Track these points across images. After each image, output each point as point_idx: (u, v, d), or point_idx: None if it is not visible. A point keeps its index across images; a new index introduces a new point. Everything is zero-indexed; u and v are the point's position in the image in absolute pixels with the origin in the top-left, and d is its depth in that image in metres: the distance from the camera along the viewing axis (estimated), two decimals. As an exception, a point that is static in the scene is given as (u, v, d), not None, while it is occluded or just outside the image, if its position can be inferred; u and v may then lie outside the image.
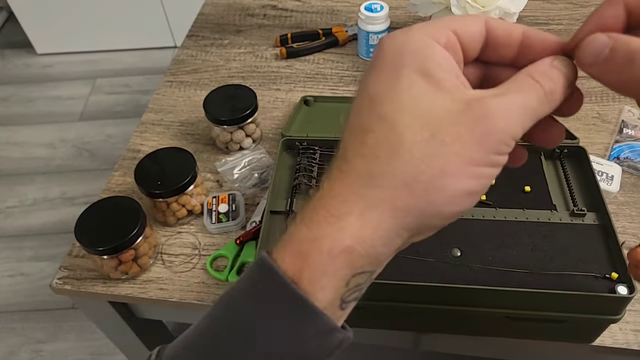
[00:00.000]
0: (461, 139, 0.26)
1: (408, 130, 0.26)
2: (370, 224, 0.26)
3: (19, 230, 1.55)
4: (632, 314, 0.60)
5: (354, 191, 0.26)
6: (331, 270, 0.26)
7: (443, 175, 0.26)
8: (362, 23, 0.91)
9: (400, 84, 0.27)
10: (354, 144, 0.27)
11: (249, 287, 0.28)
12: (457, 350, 0.71)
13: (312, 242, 0.26)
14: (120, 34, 2.08)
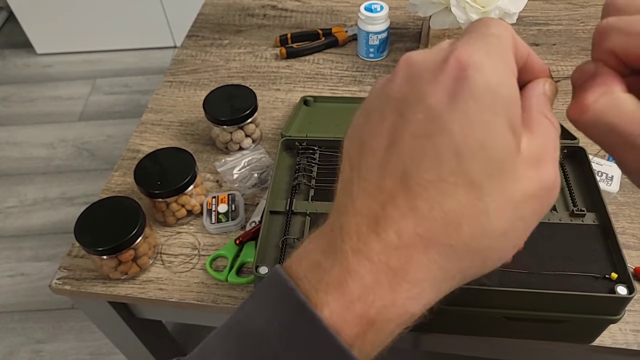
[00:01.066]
0: (533, 214, 0.25)
1: (494, 203, 0.24)
2: (441, 292, 0.25)
3: (18, 231, 1.55)
4: (631, 314, 0.60)
5: (433, 260, 0.24)
6: (395, 331, 0.25)
7: (513, 248, 0.26)
8: (362, 23, 0.91)
9: (492, 141, 0.23)
10: (429, 204, 0.24)
11: (287, 337, 0.25)
12: (457, 350, 0.71)
13: (384, 309, 0.24)
14: (120, 34, 2.08)
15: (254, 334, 0.25)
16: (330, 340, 0.23)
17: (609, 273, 0.54)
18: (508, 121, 0.24)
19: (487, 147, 0.23)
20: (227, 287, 0.66)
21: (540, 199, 0.25)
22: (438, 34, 0.89)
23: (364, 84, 0.91)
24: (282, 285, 0.25)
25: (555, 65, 0.92)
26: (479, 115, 0.23)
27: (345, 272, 0.24)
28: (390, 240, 0.24)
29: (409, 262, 0.24)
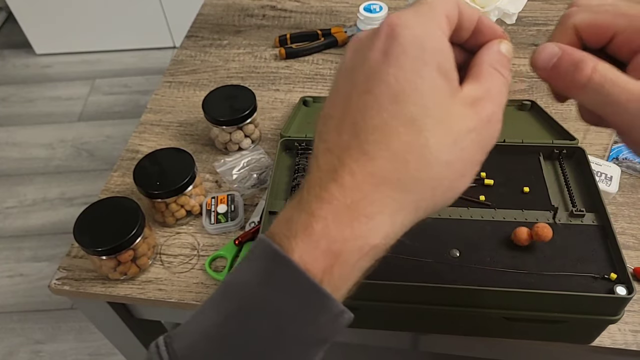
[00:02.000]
0: (474, 145, 0.29)
1: (433, 137, 0.28)
2: (397, 224, 0.28)
3: (18, 231, 1.55)
4: (630, 315, 0.60)
5: (385, 194, 0.28)
6: (360, 264, 0.29)
7: (460, 177, 0.29)
8: (361, 24, 0.91)
9: (424, 85, 0.28)
10: (377, 145, 0.28)
11: (265, 280, 0.29)
12: (456, 350, 0.71)
13: (345, 242, 0.28)
14: (119, 35, 2.08)
15: (238, 285, 0.30)
16: (301, 276, 0.27)
17: (608, 273, 0.54)
18: (438, 67, 0.28)
19: (420, 90, 0.27)
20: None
21: (478, 132, 0.29)
22: (437, 35, 0.89)
23: (363, 85, 0.91)
24: (261, 244, 0.29)
25: (554, 65, 0.92)
26: (409, 65, 0.28)
27: (310, 217, 0.28)
28: (346, 182, 0.28)
29: (363, 198, 0.28)
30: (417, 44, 0.28)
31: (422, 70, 0.28)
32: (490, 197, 0.62)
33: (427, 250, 0.58)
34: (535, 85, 0.89)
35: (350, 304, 0.56)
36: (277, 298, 0.28)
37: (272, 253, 0.28)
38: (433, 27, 0.29)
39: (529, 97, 0.84)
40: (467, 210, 0.61)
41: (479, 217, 0.60)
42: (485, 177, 0.64)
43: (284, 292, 0.28)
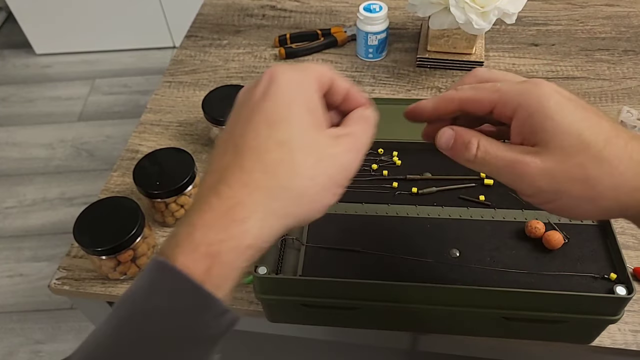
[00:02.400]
0: (335, 166, 0.35)
1: (300, 156, 0.34)
2: (267, 227, 0.33)
3: (17, 231, 1.55)
4: (630, 315, 0.60)
5: (257, 201, 0.33)
6: (236, 264, 0.33)
7: (323, 191, 0.35)
8: (360, 23, 0.91)
9: (294, 117, 0.35)
10: (252, 161, 0.34)
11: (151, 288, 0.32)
12: (455, 350, 0.71)
13: (221, 243, 0.32)
14: (119, 35, 2.08)
15: (129, 297, 0.33)
16: (183, 278, 0.31)
17: (608, 273, 0.54)
18: (305, 106, 0.35)
19: (290, 120, 0.34)
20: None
21: (338, 157, 0.36)
22: (437, 34, 0.89)
23: (363, 84, 0.91)
24: (150, 260, 0.33)
25: (554, 65, 0.92)
26: (282, 101, 0.35)
27: (191, 227, 0.32)
28: (223, 192, 0.33)
29: (237, 204, 0.32)
30: (290, 87, 0.35)
31: (292, 106, 0.35)
32: (490, 197, 0.62)
33: (427, 250, 0.58)
34: (535, 85, 0.88)
35: (350, 304, 0.56)
36: (163, 302, 0.31)
37: (157, 264, 0.32)
38: (305, 80, 0.36)
39: (528, 97, 0.84)
40: (467, 210, 0.61)
41: (479, 217, 0.60)
42: (485, 177, 0.64)
43: (169, 296, 0.31)
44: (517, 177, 0.38)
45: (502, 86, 0.39)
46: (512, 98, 0.38)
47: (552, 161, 0.36)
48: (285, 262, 0.58)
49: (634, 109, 0.83)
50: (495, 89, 0.39)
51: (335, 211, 0.62)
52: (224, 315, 0.32)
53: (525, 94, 0.38)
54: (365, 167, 0.67)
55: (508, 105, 0.38)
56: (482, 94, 0.40)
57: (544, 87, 0.38)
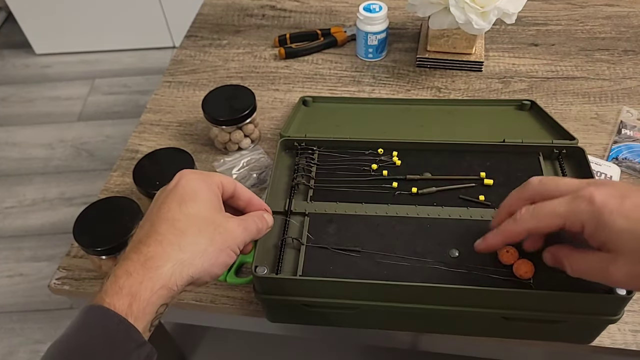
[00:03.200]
0: (228, 234, 0.47)
1: (204, 224, 0.46)
2: (177, 273, 0.43)
3: (17, 231, 1.55)
4: (630, 315, 0.60)
5: (169, 254, 0.43)
6: (152, 300, 0.41)
7: (219, 251, 0.46)
8: (360, 23, 0.91)
9: (199, 198, 0.47)
10: (166, 227, 0.45)
11: (81, 327, 0.40)
12: (455, 350, 0.71)
13: (140, 284, 0.41)
14: (118, 35, 2.08)
15: (61, 339, 0.40)
16: (109, 312, 0.40)
17: (607, 273, 0.54)
18: (208, 195, 0.48)
19: (195, 200, 0.47)
20: (225, 287, 0.65)
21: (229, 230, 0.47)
22: (437, 34, 0.89)
23: (362, 84, 0.91)
24: (82, 308, 0.42)
25: (554, 65, 0.92)
26: (190, 187, 0.47)
27: (116, 277, 0.42)
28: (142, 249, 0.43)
29: (153, 257, 0.43)
30: (197, 180, 0.48)
31: (197, 192, 0.47)
32: (490, 197, 0.62)
33: (426, 250, 0.58)
34: (535, 85, 0.89)
35: (350, 304, 0.56)
36: (90, 337, 0.39)
37: (87, 308, 0.41)
38: (208, 179, 0.49)
39: (528, 97, 0.84)
40: (467, 210, 0.61)
41: (478, 217, 0.60)
42: (485, 177, 0.64)
43: (96, 330, 0.39)
44: (608, 282, 0.46)
45: (561, 209, 0.45)
46: (575, 221, 0.44)
47: (630, 264, 0.42)
48: (285, 262, 0.58)
49: (634, 109, 0.83)
50: (555, 214, 0.45)
51: (335, 211, 0.62)
52: (143, 346, 0.40)
53: (584, 215, 0.44)
54: (365, 167, 0.67)
55: (574, 226, 0.45)
56: (544, 222, 0.46)
57: (597, 201, 0.43)
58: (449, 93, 0.88)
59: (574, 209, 0.44)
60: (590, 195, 0.44)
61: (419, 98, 0.86)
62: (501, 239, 0.51)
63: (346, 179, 0.66)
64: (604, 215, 0.42)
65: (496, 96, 0.87)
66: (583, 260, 0.47)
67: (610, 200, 0.43)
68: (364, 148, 0.69)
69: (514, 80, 0.90)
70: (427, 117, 0.78)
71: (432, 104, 0.81)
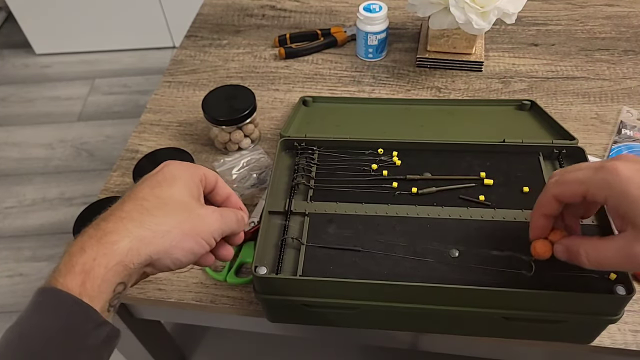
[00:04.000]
0: (199, 221, 0.45)
1: (173, 207, 0.44)
2: (135, 250, 0.41)
3: (17, 231, 1.54)
4: (630, 315, 0.60)
5: (128, 229, 0.41)
6: (107, 277, 0.39)
7: (186, 236, 0.44)
8: (360, 23, 0.91)
9: (175, 185, 0.46)
10: (131, 205, 0.43)
11: (35, 310, 0.38)
12: (456, 350, 0.71)
13: (94, 261, 0.39)
14: (118, 35, 2.07)
15: (17, 322, 0.39)
16: (61, 294, 0.38)
17: (607, 273, 0.54)
18: (187, 183, 0.47)
19: (170, 185, 0.46)
20: (225, 288, 0.65)
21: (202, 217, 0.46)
22: (437, 34, 0.89)
23: (362, 84, 0.91)
24: (35, 291, 0.39)
25: (554, 65, 0.92)
26: (169, 174, 0.47)
27: (70, 255, 0.40)
28: (101, 225, 0.42)
29: (111, 232, 0.41)
30: (178, 169, 0.48)
31: (175, 179, 0.46)
32: (490, 197, 0.62)
33: (426, 250, 0.58)
34: (535, 85, 0.89)
35: (350, 304, 0.56)
36: (46, 318, 0.37)
37: (39, 290, 0.39)
38: (190, 169, 0.48)
39: (528, 97, 0.84)
40: (467, 210, 0.61)
41: (478, 217, 0.60)
42: (485, 177, 0.64)
43: (52, 311, 0.38)
44: (635, 267, 0.44)
45: (584, 177, 0.44)
46: (598, 191, 0.43)
47: None
48: (285, 262, 0.58)
49: (634, 109, 0.83)
50: (578, 181, 0.45)
51: (335, 211, 0.62)
52: (102, 326, 0.39)
53: (608, 185, 0.42)
54: (365, 167, 0.67)
55: (596, 196, 0.44)
56: (567, 188, 0.46)
57: (622, 173, 0.42)
58: (449, 93, 0.88)
59: (598, 178, 0.43)
60: (615, 167, 0.42)
61: (419, 98, 0.86)
62: (535, 213, 0.50)
63: (346, 179, 0.66)
64: (630, 188, 0.41)
65: (496, 96, 0.87)
66: (601, 247, 0.45)
67: (636, 174, 0.42)
68: (364, 148, 0.69)
69: (514, 80, 0.89)
70: (427, 117, 0.78)
71: (432, 104, 0.81)
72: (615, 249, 0.44)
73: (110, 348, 0.41)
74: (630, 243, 0.42)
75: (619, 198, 0.42)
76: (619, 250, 0.43)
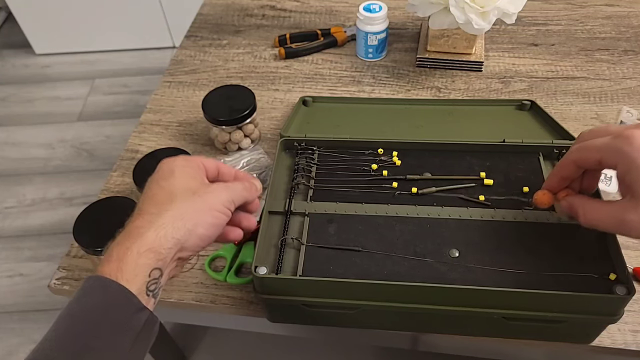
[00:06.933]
0: (204, 198, 0.48)
1: (178, 192, 0.48)
2: (162, 236, 0.45)
3: (17, 231, 1.54)
4: (630, 315, 0.60)
5: (151, 222, 0.45)
6: (140, 262, 0.43)
7: (201, 212, 0.47)
8: (360, 23, 0.91)
9: (174, 175, 0.49)
10: (147, 202, 0.48)
11: (82, 295, 0.43)
12: (456, 350, 0.71)
13: (127, 250, 0.44)
14: (118, 35, 2.07)
15: (65, 307, 0.43)
16: (106, 280, 0.42)
17: (607, 273, 0.54)
18: (187, 172, 0.50)
19: (173, 177, 0.49)
20: (225, 288, 0.65)
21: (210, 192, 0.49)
22: (437, 34, 0.89)
23: (362, 84, 0.91)
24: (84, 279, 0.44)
25: (554, 65, 0.92)
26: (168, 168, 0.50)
27: (110, 249, 0.45)
28: (127, 225, 0.47)
29: (136, 227, 0.45)
30: (175, 163, 0.50)
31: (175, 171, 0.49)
32: (490, 197, 0.62)
33: (426, 250, 0.58)
34: (535, 85, 0.89)
35: (350, 304, 0.56)
36: (91, 303, 0.42)
37: (86, 278, 0.44)
38: (188, 160, 0.51)
39: (528, 97, 0.84)
40: (467, 210, 0.61)
41: (478, 217, 0.60)
42: (485, 177, 0.64)
43: (95, 296, 0.42)
44: (624, 233, 0.46)
45: (601, 145, 0.46)
46: (610, 157, 0.45)
47: None
48: (285, 262, 0.58)
49: (633, 109, 0.83)
50: (595, 148, 0.47)
51: (335, 211, 0.62)
52: (143, 311, 0.43)
53: (619, 153, 0.44)
54: (365, 167, 0.67)
55: (609, 162, 0.46)
56: (584, 154, 0.48)
57: (635, 142, 0.43)
58: (449, 93, 0.88)
59: (612, 146, 0.45)
60: (631, 135, 0.43)
61: (418, 98, 0.86)
62: (554, 173, 0.53)
63: (346, 179, 0.66)
64: (638, 157, 0.42)
65: (496, 96, 0.87)
66: (598, 209, 0.48)
67: None
68: (364, 148, 0.69)
69: (514, 80, 0.89)
70: (427, 117, 0.78)
71: (432, 104, 0.81)
72: (609, 212, 0.46)
73: (151, 334, 0.44)
74: (625, 209, 0.44)
75: (627, 166, 0.43)
76: (612, 214, 0.46)
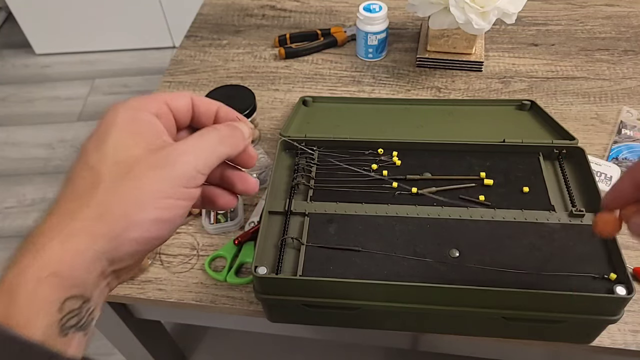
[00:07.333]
0: (151, 175, 0.31)
1: (107, 172, 0.31)
2: (70, 250, 0.29)
3: (17, 231, 1.54)
4: (630, 315, 0.60)
5: (57, 224, 0.30)
6: (40, 296, 0.28)
7: (134, 205, 0.31)
8: (360, 23, 0.91)
9: (107, 140, 0.32)
10: (64, 190, 0.32)
11: None
12: (456, 350, 0.71)
13: (18, 276, 0.28)
14: (118, 35, 2.08)
15: None
16: None
17: (607, 273, 0.54)
18: (125, 128, 0.33)
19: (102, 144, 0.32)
20: (225, 288, 0.65)
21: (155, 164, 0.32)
22: (437, 34, 0.89)
23: (362, 84, 0.91)
24: None
25: (554, 65, 0.92)
26: (100, 130, 0.33)
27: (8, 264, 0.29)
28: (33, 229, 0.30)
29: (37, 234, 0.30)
30: (112, 115, 0.33)
31: (109, 131, 0.33)
32: (490, 197, 0.62)
33: (426, 250, 0.58)
34: (535, 85, 0.89)
35: (350, 304, 0.56)
36: None
37: None
38: (131, 105, 0.34)
39: (528, 97, 0.84)
40: (466, 210, 0.61)
41: (478, 217, 0.60)
42: (485, 177, 0.64)
43: None
44: None
45: None
46: None
47: None
48: (285, 262, 0.58)
49: (634, 109, 0.83)
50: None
51: (335, 211, 0.62)
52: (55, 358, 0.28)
53: None
54: (365, 167, 0.67)
55: None
56: None
57: None
58: (449, 93, 0.88)
59: None
60: None
61: (418, 98, 0.86)
62: (626, 176, 0.44)
63: (346, 179, 0.66)
64: None
65: (496, 96, 0.87)
66: None
67: None
68: (364, 148, 0.69)
69: (514, 80, 0.89)
70: (427, 117, 0.78)
71: (432, 104, 0.81)
72: None
73: None
74: None
75: None
76: None
